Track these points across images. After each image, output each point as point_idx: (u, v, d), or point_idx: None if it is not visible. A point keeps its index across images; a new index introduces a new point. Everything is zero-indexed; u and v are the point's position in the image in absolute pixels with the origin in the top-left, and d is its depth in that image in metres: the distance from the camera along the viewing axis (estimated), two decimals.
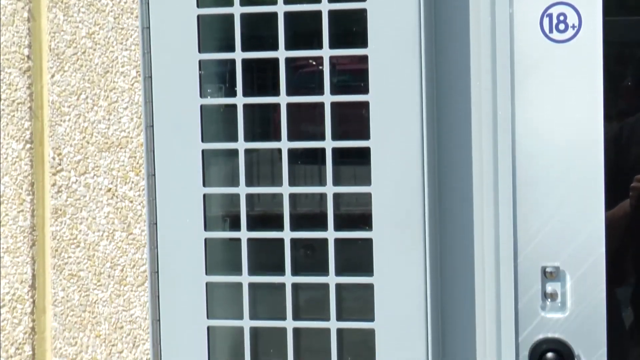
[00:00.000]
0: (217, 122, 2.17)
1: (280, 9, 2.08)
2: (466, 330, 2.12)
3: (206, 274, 2.13)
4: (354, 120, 2.12)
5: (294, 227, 2.11)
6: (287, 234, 2.10)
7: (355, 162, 2.12)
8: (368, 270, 2.08)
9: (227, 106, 2.16)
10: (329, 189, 2.09)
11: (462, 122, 2.10)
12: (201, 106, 2.13)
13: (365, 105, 2.06)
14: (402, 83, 2.02)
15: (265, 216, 2.17)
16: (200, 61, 2.12)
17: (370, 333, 2.08)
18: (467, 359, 2.12)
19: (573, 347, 2.07)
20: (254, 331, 2.15)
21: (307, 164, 2.17)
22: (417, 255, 2.04)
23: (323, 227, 2.10)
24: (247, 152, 2.13)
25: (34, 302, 2.53)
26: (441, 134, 2.11)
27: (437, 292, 2.09)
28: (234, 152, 2.13)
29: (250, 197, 2.14)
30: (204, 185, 2.13)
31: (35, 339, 2.53)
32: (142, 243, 2.47)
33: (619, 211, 2.07)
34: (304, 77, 2.15)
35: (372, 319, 2.08)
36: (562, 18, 2.04)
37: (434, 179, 2.08)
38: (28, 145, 2.52)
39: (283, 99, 2.09)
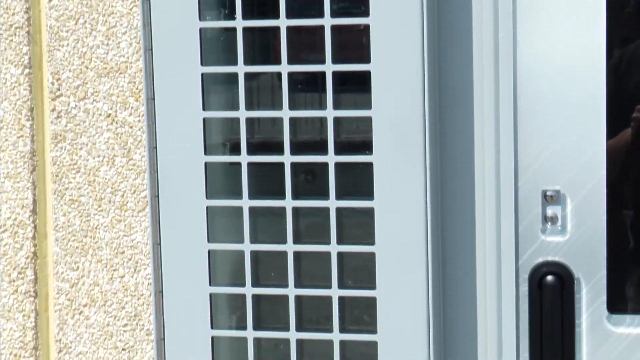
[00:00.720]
0: (217, 50, 2.16)
1: None
2: (466, 248, 2.12)
3: (206, 197, 2.13)
4: (354, 46, 2.10)
5: (294, 153, 2.10)
6: (287, 158, 2.10)
7: (355, 90, 2.11)
8: (368, 194, 2.08)
9: (226, 31, 2.14)
10: (329, 113, 2.08)
11: (464, 45, 2.08)
12: (200, 29, 2.11)
13: (365, 30, 2.04)
14: (403, 3, 2.00)
15: (265, 143, 2.17)
16: None
17: (371, 258, 2.09)
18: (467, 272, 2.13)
19: (573, 270, 2.08)
20: (255, 255, 2.16)
21: (307, 91, 2.15)
22: (418, 178, 2.03)
23: (323, 152, 2.09)
24: (247, 78, 2.12)
25: (35, 227, 2.54)
26: (442, 57, 2.09)
27: (437, 216, 2.09)
28: (234, 79, 2.11)
29: (250, 124, 2.14)
30: (203, 109, 2.12)
31: (37, 264, 2.54)
32: (142, 169, 2.46)
33: (620, 141, 2.07)
34: (305, 2, 2.13)
35: (372, 243, 2.08)
36: None
37: (435, 104, 2.07)
38: (27, 70, 2.51)
39: (283, 22, 2.08)
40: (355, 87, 2.11)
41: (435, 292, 2.07)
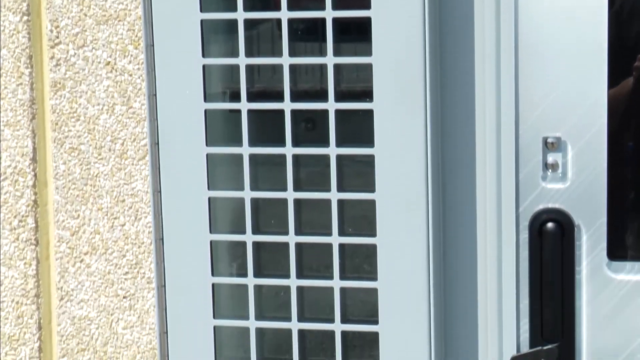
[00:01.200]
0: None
1: None
2: (467, 195, 2.12)
3: (206, 145, 2.13)
4: None
5: (295, 101, 2.09)
6: (287, 105, 2.09)
7: (356, 39, 2.10)
8: (369, 142, 2.07)
9: None
10: (330, 60, 2.07)
11: None
12: None
13: None
14: None
15: (265, 91, 2.16)
16: None
17: (371, 206, 2.09)
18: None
19: (573, 217, 2.08)
20: (255, 203, 2.15)
21: (307, 40, 2.14)
22: (418, 125, 2.03)
23: (324, 100, 2.08)
24: (247, 27, 2.10)
25: (35, 175, 2.53)
26: (443, 3, 2.08)
27: (438, 163, 2.09)
28: (234, 27, 2.10)
29: (250, 73, 2.12)
30: (203, 56, 2.11)
31: (37, 212, 2.54)
32: (142, 117, 2.46)
33: (622, 90, 2.06)
34: None
35: (372, 191, 2.08)
36: None
37: (435, 51, 2.06)
38: (25, 18, 2.49)
39: None
40: (356, 36, 2.10)
41: (436, 239, 2.07)
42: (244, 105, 2.11)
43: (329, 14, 2.05)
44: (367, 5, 2.03)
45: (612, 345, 2.09)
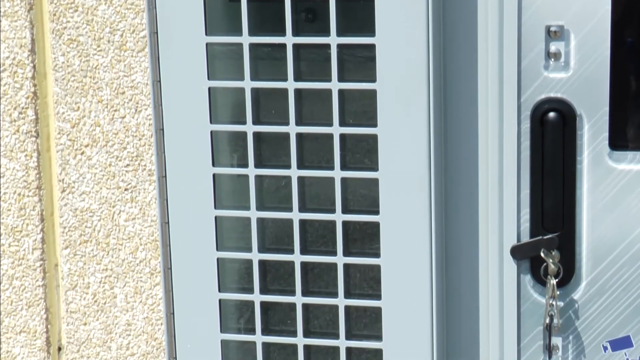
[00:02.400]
0: None
1: None
2: (468, 84, 2.10)
3: (206, 34, 2.10)
4: None
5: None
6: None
7: None
8: (370, 31, 2.05)
9: None
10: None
11: None
12: None
13: None
14: None
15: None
16: None
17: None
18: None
19: (575, 106, 2.07)
20: (255, 93, 2.14)
21: None
22: (419, 13, 2.01)
23: None
24: None
25: (34, 66, 2.52)
26: None
27: (439, 49, 2.07)
28: None
29: None
30: None
31: (37, 104, 2.53)
32: (141, 8, 2.43)
33: None
34: None
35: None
36: None
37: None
38: None
39: None
40: None
41: (437, 133, 2.07)
42: None
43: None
44: None
45: (612, 235, 2.10)
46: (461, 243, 2.15)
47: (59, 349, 2.61)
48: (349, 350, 2.17)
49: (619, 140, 2.09)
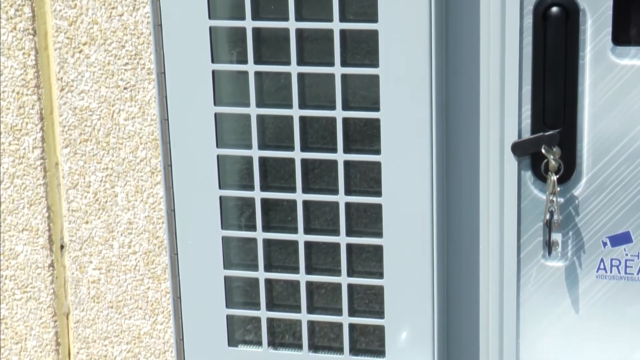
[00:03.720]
0: None
1: None
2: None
3: None
4: None
5: None
6: None
7: None
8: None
9: None
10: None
11: None
12: None
13: None
14: None
15: None
16: None
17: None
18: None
19: (578, 0, 2.04)
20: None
21: None
22: None
23: None
24: None
25: None
26: None
27: None
28: None
29: None
30: None
31: (34, 1, 2.50)
32: None
33: None
34: None
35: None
36: None
37: None
38: None
39: None
40: None
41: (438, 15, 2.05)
42: None
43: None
44: None
45: (613, 131, 2.09)
46: (461, 139, 2.15)
47: (62, 247, 2.62)
48: (349, 246, 2.18)
49: (622, 35, 2.06)
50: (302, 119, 2.14)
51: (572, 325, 2.18)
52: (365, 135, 2.15)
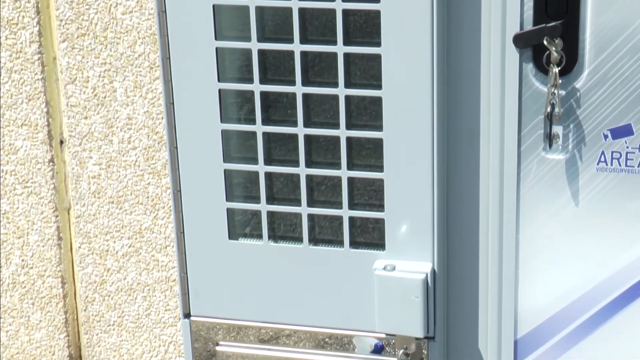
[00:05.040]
0: None
1: None
2: None
3: None
4: None
5: None
6: None
7: None
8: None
9: None
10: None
11: None
12: None
13: None
14: None
15: None
16: None
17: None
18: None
19: None
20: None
21: None
22: None
23: None
24: None
25: None
26: None
27: None
28: None
29: None
30: None
31: None
32: None
33: None
34: None
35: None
36: None
37: None
38: None
39: None
40: None
41: None
42: None
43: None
44: None
45: (616, 23, 2.07)
46: (463, 30, 2.13)
47: (61, 142, 2.62)
48: (349, 140, 2.18)
49: None
50: (302, 11, 2.12)
51: (572, 218, 2.18)
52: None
